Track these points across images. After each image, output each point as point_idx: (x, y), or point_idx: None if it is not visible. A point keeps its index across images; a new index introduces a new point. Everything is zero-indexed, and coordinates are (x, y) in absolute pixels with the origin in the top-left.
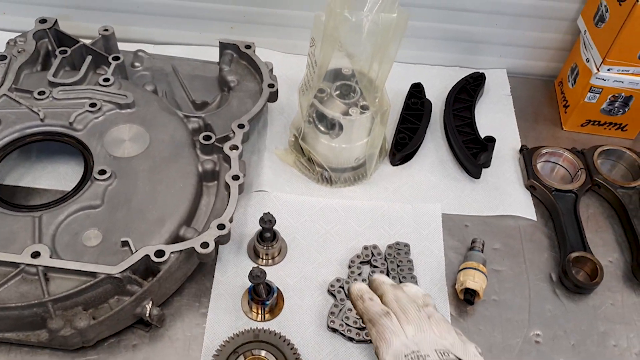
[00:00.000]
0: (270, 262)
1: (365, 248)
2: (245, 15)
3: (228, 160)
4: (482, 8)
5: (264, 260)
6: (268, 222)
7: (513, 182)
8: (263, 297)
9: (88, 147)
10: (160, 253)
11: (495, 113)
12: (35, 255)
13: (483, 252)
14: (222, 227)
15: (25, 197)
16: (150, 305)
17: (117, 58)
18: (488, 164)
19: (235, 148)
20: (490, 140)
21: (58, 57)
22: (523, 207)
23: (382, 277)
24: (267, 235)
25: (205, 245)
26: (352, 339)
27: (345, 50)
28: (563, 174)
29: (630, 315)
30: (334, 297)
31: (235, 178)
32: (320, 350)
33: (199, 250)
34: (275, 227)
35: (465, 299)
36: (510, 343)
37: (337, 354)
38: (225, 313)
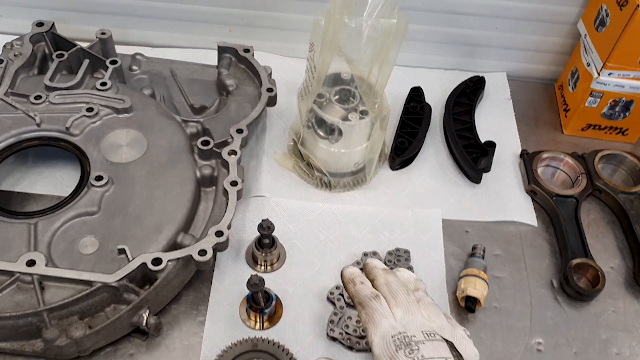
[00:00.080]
0: (269, 268)
1: (365, 254)
2: (244, 19)
3: (226, 166)
4: (482, 11)
5: (263, 267)
6: (267, 228)
7: (514, 187)
8: (261, 305)
9: (85, 152)
10: (158, 261)
11: (495, 117)
12: (31, 264)
13: (484, 258)
14: (220, 234)
15: (22, 202)
16: (147, 314)
17: (114, 62)
18: (488, 169)
19: (234, 153)
20: (491, 145)
21: (55, 60)
22: (524, 212)
23: (374, 261)
24: (265, 242)
25: (203, 253)
26: (351, 348)
27: (345, 56)
28: (564, 179)
29: (633, 323)
30: (334, 304)
31: (234, 184)
32: None
33: (197, 258)
34: (274, 233)
35: (466, 307)
36: (512, 351)
37: None
38: (223, 321)
